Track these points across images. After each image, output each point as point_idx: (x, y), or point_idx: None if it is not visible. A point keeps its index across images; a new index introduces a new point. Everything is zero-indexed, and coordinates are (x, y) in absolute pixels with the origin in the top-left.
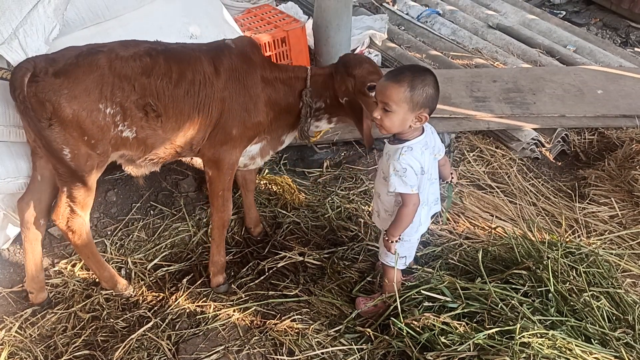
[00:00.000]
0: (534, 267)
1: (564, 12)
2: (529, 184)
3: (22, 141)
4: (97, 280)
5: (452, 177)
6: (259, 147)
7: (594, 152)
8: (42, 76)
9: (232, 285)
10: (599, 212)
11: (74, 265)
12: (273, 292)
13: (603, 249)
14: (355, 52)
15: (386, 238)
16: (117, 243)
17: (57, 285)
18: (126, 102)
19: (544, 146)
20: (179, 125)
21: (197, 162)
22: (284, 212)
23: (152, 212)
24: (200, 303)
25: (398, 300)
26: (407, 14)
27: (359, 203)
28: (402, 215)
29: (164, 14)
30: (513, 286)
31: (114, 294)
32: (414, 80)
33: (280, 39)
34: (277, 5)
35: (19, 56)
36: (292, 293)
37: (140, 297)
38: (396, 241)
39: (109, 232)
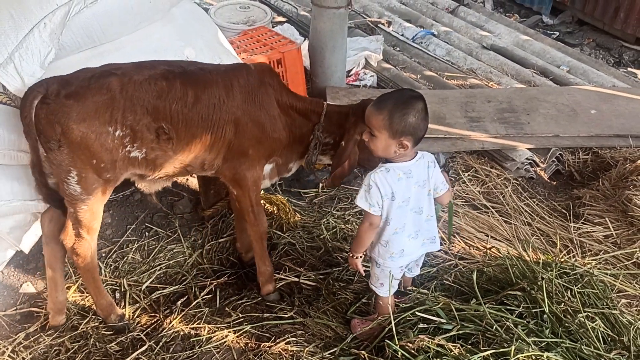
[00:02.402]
0: (528, 288)
1: (558, 33)
2: (524, 204)
3: (18, 164)
4: (92, 304)
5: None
6: (269, 167)
7: (588, 171)
8: (53, 98)
9: (227, 308)
10: (593, 231)
11: (68, 288)
12: (268, 314)
13: (598, 269)
14: (351, 72)
15: (350, 254)
16: (111, 265)
17: None
18: (137, 125)
19: (538, 166)
20: (190, 147)
21: (193, 182)
22: (279, 233)
23: (147, 233)
24: (194, 325)
25: (393, 323)
26: (402, 35)
27: (354, 223)
28: (359, 231)
29: (159, 37)
30: (508, 307)
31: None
32: (393, 109)
33: (276, 61)
34: (273, 27)
35: (14, 80)
36: (287, 315)
37: (135, 320)
38: (357, 257)
39: (103, 255)
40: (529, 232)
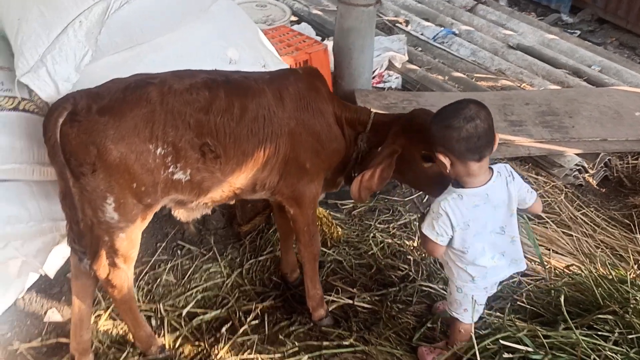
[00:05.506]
0: (621, 311)
1: (579, 32)
2: (580, 213)
3: (45, 180)
4: (127, 334)
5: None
6: None
7: (639, 177)
8: (85, 114)
9: (280, 335)
10: None
11: (98, 317)
12: (326, 342)
13: None
14: (374, 74)
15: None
16: (144, 288)
17: None
18: (180, 141)
19: (587, 172)
20: (240, 166)
21: None
22: (324, 249)
23: (179, 252)
24: (245, 356)
25: (477, 353)
26: (421, 34)
27: (402, 238)
28: (423, 245)
29: (200, 37)
30: (599, 333)
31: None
32: (435, 123)
33: (302, 62)
34: (291, 27)
35: (46, 85)
36: (346, 343)
37: (177, 351)
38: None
39: (134, 276)
40: (593, 244)
